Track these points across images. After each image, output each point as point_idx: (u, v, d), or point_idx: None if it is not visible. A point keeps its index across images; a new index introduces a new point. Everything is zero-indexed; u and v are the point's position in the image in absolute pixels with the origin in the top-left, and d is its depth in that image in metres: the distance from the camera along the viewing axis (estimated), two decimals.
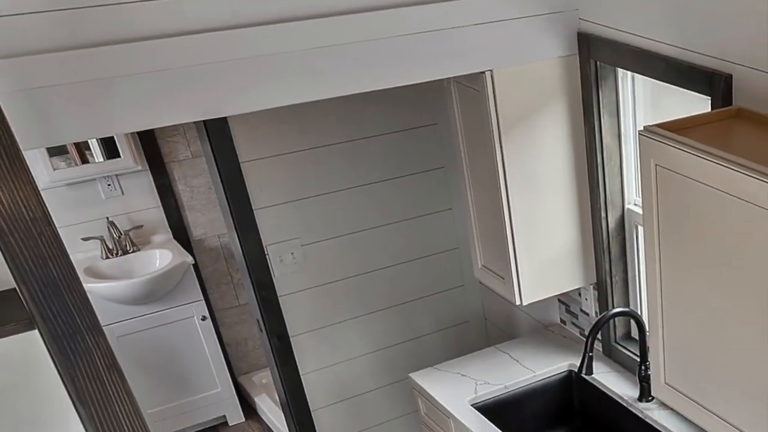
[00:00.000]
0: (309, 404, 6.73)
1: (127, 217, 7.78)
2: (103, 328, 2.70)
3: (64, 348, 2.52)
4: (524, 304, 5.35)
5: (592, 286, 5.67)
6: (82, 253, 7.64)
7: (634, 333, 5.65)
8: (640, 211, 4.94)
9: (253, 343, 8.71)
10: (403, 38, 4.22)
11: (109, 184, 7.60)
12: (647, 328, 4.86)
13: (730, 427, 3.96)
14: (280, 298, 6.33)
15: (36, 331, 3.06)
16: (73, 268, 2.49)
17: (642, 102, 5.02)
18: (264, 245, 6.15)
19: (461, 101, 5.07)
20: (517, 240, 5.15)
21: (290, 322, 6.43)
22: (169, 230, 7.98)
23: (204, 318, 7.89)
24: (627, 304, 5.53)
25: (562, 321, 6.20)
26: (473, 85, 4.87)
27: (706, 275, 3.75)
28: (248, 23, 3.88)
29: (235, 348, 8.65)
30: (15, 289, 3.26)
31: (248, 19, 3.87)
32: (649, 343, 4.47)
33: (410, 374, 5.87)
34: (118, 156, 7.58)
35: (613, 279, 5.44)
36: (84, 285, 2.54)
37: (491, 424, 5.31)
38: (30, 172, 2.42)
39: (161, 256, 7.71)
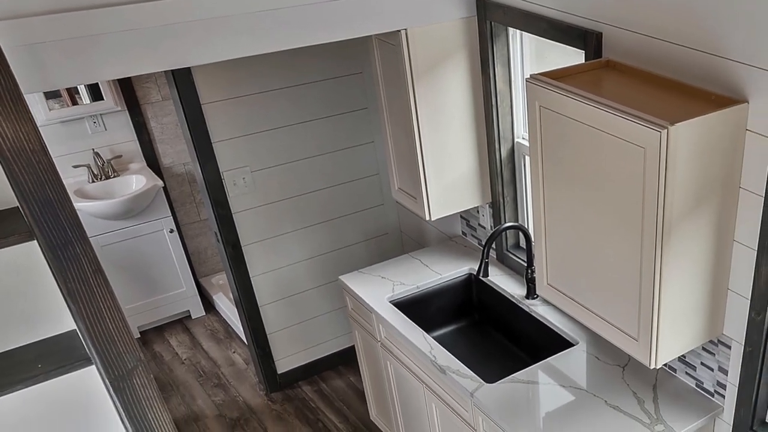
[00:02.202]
0: (257, 301, 6.79)
1: (109, 149, 7.76)
2: (90, 239, 2.72)
3: (57, 255, 2.54)
4: (432, 219, 5.38)
5: (487, 205, 5.71)
6: (72, 178, 7.63)
7: (522, 243, 5.72)
8: (526, 143, 5.01)
9: (211, 251, 8.72)
10: (333, 3, 4.23)
11: (94, 122, 7.59)
12: (533, 239, 4.95)
13: (598, 318, 4.04)
14: (233, 215, 6.38)
15: (35, 241, 3.08)
16: (65, 190, 2.51)
17: (528, 55, 5.05)
18: (221, 172, 6.20)
19: (381, 54, 5.08)
20: (427, 167, 5.18)
21: (242, 234, 6.49)
22: (144, 159, 7.95)
23: (172, 231, 7.91)
24: (516, 220, 5.59)
25: (463, 233, 6.24)
26: (391, 41, 4.89)
27: (579, 195, 3.82)
28: None
29: (197, 255, 8.65)
30: (18, 207, 3.30)
31: None
32: (534, 251, 4.54)
33: (340, 276, 5.89)
34: (102, 99, 7.57)
35: (505, 199, 5.50)
36: (74, 204, 2.56)
37: (405, 317, 5.36)
38: (30, 111, 2.43)
39: (137, 181, 7.70)
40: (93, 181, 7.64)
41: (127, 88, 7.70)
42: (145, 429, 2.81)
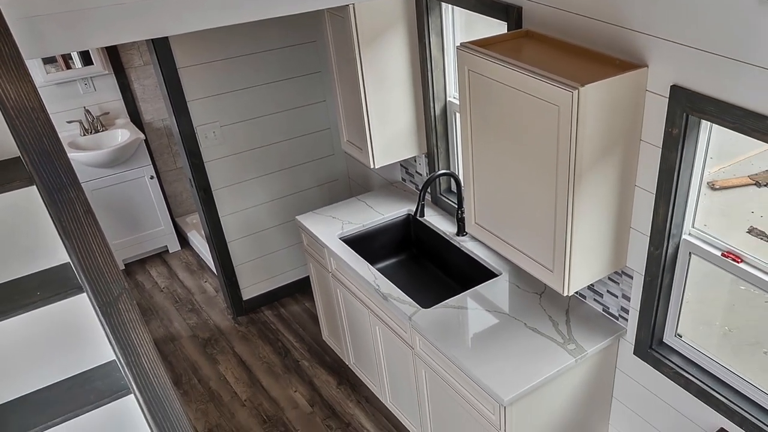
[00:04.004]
0: (225, 237, 6.77)
1: (98, 107, 7.69)
2: (82, 184, 2.70)
3: (54, 198, 2.51)
4: (376, 167, 5.37)
5: (423, 155, 5.71)
6: (66, 132, 7.57)
7: (453, 188, 5.73)
8: (457, 102, 4.99)
9: (186, 194, 8.67)
10: None
11: (85, 84, 7.53)
12: (462, 184, 4.94)
13: (518, 252, 4.07)
14: (205, 163, 6.34)
15: (34, 186, 3.06)
16: (60, 142, 2.47)
17: (459, 26, 5.03)
18: (194, 126, 6.16)
19: (332, 25, 5.05)
20: (371, 122, 5.17)
21: (212, 179, 6.45)
22: (128, 116, 7.89)
23: (152, 177, 7.86)
24: (448, 167, 5.59)
25: (403, 179, 6.23)
26: (341, 14, 4.85)
27: (502, 147, 3.83)
28: None
29: (173, 198, 8.60)
30: (19, 157, 3.27)
31: None
32: (464, 194, 4.54)
33: (296, 216, 5.87)
34: (92, 64, 7.50)
35: (439, 150, 5.50)
36: (68, 154, 2.52)
37: (353, 251, 5.36)
38: (30, 74, 2.40)
39: (122, 134, 7.64)
40: (84, 135, 7.58)
41: (113, 54, 7.63)
42: (129, 347, 2.80)
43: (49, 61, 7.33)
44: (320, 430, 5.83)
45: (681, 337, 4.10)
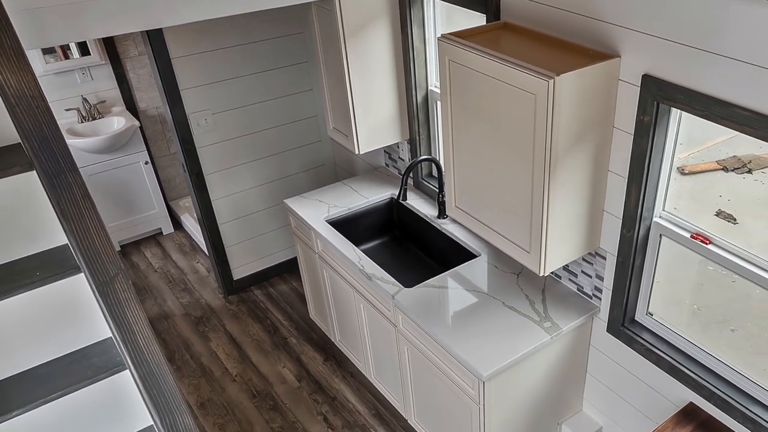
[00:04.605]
0: (217, 220, 6.76)
1: (95, 95, 7.67)
2: (79, 169, 2.70)
3: (53, 183, 2.50)
4: (361, 153, 5.37)
5: (406, 141, 5.70)
6: (65, 119, 7.55)
7: (435, 173, 5.73)
8: (438, 91, 5.00)
9: (179, 179, 8.65)
10: None
11: (83, 73, 7.51)
12: (443, 169, 4.95)
13: (496, 234, 4.07)
14: (197, 149, 6.32)
15: (34, 171, 3.05)
16: (59, 129, 2.46)
17: (440, 18, 5.03)
18: (187, 114, 6.13)
19: (319, 17, 5.03)
20: (356, 110, 5.16)
21: (204, 165, 6.43)
22: (123, 104, 7.86)
23: (146, 162, 7.84)
24: (429, 153, 5.58)
25: (386, 164, 6.23)
26: (327, 7, 4.84)
27: (481, 133, 3.83)
28: None
29: (167, 182, 8.57)
30: (20, 143, 3.26)
31: None
32: (444, 179, 4.53)
33: (284, 200, 5.86)
34: (89, 54, 7.48)
35: (420, 136, 5.49)
36: (66, 140, 2.53)
37: (339, 233, 5.35)
38: (30, 64, 2.39)
39: (118, 121, 7.62)
40: (82, 122, 7.55)
41: (110, 45, 7.61)
42: (124, 325, 2.79)
43: (48, 51, 7.30)
44: (307, 404, 5.84)
45: (652, 315, 4.12)
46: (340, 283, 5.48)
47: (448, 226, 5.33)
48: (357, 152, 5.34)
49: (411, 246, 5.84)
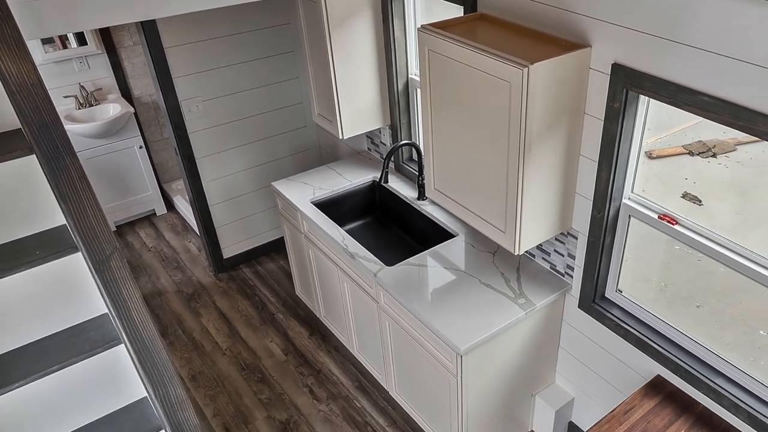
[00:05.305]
0: (207, 201, 6.75)
1: (92, 83, 7.64)
2: (77, 153, 2.69)
3: (51, 166, 2.50)
4: (344, 138, 5.36)
5: (387, 126, 5.70)
6: (63, 106, 7.54)
7: (415, 156, 5.72)
8: (418, 79, 4.99)
9: (172, 162, 8.62)
10: None
11: (80, 62, 7.48)
12: (423, 153, 4.94)
13: (473, 215, 4.07)
14: (189, 134, 6.30)
15: (34, 155, 3.04)
16: (58, 115, 2.46)
17: (420, 9, 5.02)
18: (179, 101, 6.11)
19: (304, 9, 5.02)
20: (340, 97, 5.15)
21: (195, 149, 6.42)
22: (119, 91, 7.84)
23: (141, 147, 7.82)
24: (410, 138, 5.58)
25: (368, 149, 6.22)
26: None
27: (459, 119, 3.83)
28: None
29: (161, 166, 8.55)
30: (20, 128, 3.25)
31: None
32: (424, 162, 4.54)
33: (272, 183, 5.87)
34: (86, 44, 7.46)
35: (401, 122, 5.49)
36: (64, 126, 2.52)
37: (323, 214, 5.36)
38: (30, 53, 2.39)
39: (113, 108, 7.59)
40: (79, 109, 7.54)
41: (105, 35, 7.59)
42: (120, 301, 2.79)
43: (47, 41, 7.28)
44: (294, 377, 5.85)
45: (621, 292, 4.14)
46: (324, 261, 5.48)
47: (427, 208, 5.33)
48: (341, 137, 5.33)
49: (392, 226, 5.84)
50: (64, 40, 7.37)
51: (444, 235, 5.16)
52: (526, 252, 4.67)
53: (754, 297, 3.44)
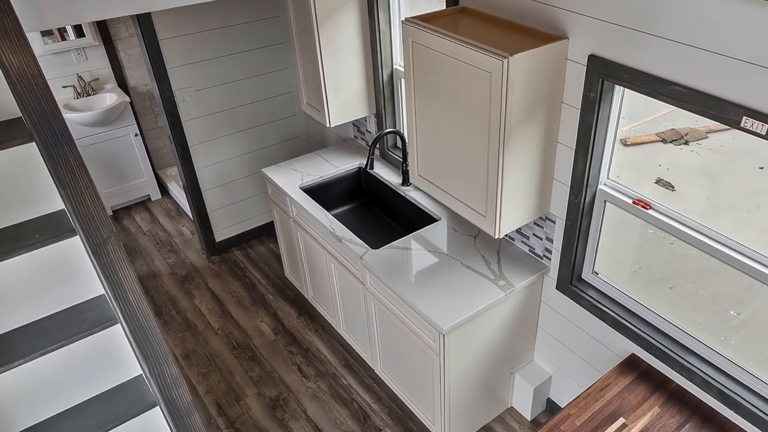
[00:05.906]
0: (200, 187, 6.74)
1: (89, 73, 7.62)
2: (75, 141, 2.69)
3: (51, 153, 2.49)
4: (332, 126, 5.36)
5: (373, 115, 5.70)
6: (62, 95, 7.53)
7: (399, 144, 5.73)
8: (402, 69, 4.99)
9: (166, 150, 8.60)
10: None
11: (78, 53, 7.46)
12: (407, 141, 4.94)
13: (455, 200, 4.08)
14: (182, 123, 6.29)
15: (34, 143, 3.03)
16: (56, 104, 2.45)
17: (404, 3, 5.02)
18: (173, 90, 6.10)
19: (293, 2, 4.99)
20: (328, 87, 5.15)
21: (189, 137, 6.40)
22: (115, 81, 7.82)
23: (136, 135, 7.81)
24: (394, 126, 5.58)
25: (355, 136, 6.22)
26: None
27: (441, 108, 3.83)
28: None
29: (155, 153, 8.53)
30: (21, 117, 3.23)
31: None
32: (408, 149, 4.54)
33: (262, 169, 5.86)
34: (84, 36, 7.44)
35: (386, 110, 5.49)
36: (63, 114, 2.51)
37: (312, 199, 5.36)
38: (30, 45, 2.38)
39: (110, 97, 7.57)
40: (77, 98, 7.51)
41: (102, 28, 7.56)
42: (116, 283, 2.79)
43: (46, 33, 7.25)
44: (283, 355, 5.85)
45: (597, 274, 4.16)
46: (312, 244, 5.48)
47: (411, 193, 5.33)
48: (328, 125, 5.32)
49: (377, 211, 5.84)
50: (62, 32, 7.33)
51: (427, 219, 5.16)
52: (506, 235, 4.68)
53: (724, 278, 3.46)
